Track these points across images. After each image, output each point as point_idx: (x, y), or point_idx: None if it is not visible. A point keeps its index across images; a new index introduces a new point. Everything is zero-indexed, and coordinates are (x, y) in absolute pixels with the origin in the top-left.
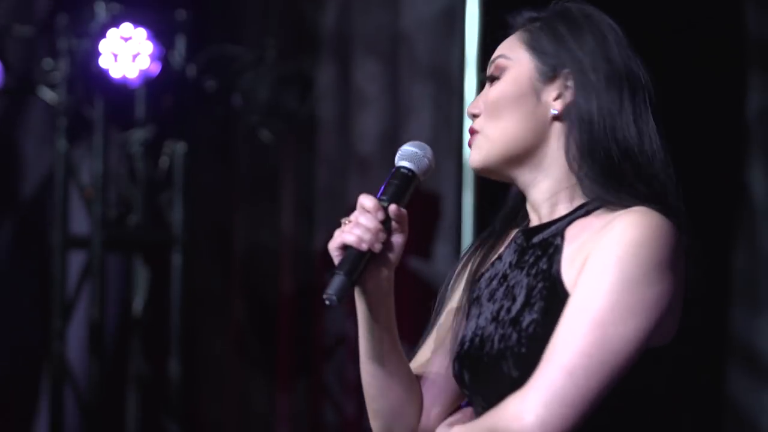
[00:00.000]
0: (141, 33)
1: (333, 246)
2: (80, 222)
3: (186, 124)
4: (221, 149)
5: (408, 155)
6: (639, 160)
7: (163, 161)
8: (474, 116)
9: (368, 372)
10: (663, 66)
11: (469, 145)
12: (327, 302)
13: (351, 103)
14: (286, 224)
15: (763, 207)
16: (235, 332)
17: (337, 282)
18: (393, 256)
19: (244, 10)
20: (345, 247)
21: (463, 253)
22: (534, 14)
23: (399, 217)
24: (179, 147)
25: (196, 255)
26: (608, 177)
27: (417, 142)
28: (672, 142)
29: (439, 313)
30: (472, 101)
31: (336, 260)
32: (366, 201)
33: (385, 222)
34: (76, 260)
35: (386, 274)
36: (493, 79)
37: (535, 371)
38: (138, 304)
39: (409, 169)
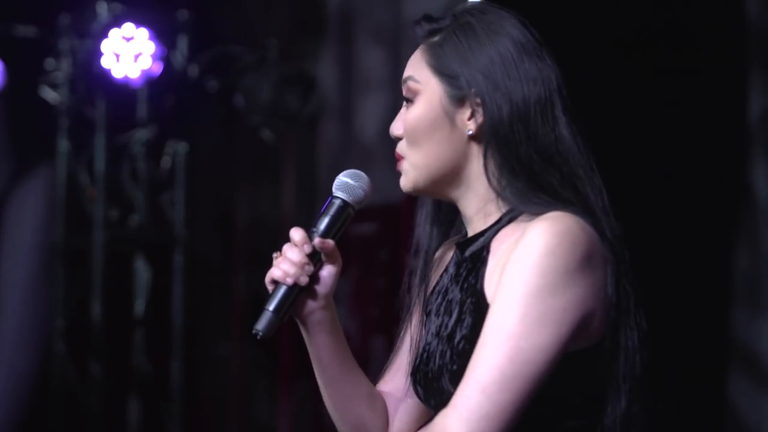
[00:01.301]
0: (143, 33)
1: (267, 280)
2: (82, 222)
3: (188, 124)
4: (223, 149)
5: (341, 186)
6: (557, 167)
7: (165, 161)
8: (397, 138)
9: (324, 393)
10: (665, 67)
11: (398, 170)
12: (257, 337)
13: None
14: (289, 225)
15: (765, 207)
16: (237, 333)
17: (264, 318)
18: (322, 289)
19: (245, 10)
20: (275, 282)
21: (412, 268)
22: (434, 25)
23: (326, 250)
24: (181, 147)
25: (198, 255)
26: (528, 187)
27: (352, 171)
28: (675, 143)
29: (403, 329)
30: (394, 121)
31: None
32: (294, 234)
33: (314, 255)
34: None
35: (319, 305)
36: (407, 100)
37: (457, 388)
38: (140, 304)
39: (342, 200)
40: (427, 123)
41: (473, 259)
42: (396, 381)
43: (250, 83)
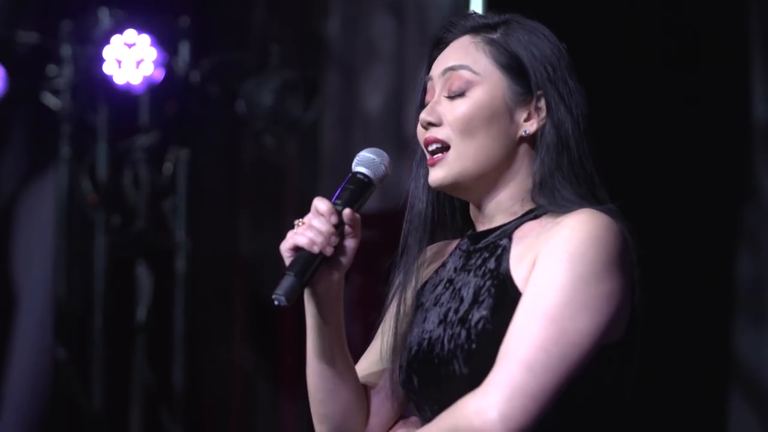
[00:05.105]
0: (145, 39)
1: (285, 247)
2: (84, 228)
3: (190, 131)
4: (225, 155)
5: (365, 161)
6: (596, 176)
7: (167, 168)
8: (430, 124)
9: (317, 374)
10: (667, 67)
11: (432, 163)
12: (276, 302)
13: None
14: (291, 228)
15: None
16: (239, 338)
17: (286, 283)
18: (344, 260)
19: (247, 16)
20: (297, 249)
21: (399, 265)
22: (488, 21)
23: (352, 222)
24: (183, 153)
25: (200, 261)
26: (575, 193)
27: (375, 149)
28: (676, 143)
29: (382, 324)
30: (427, 108)
31: (287, 261)
32: (320, 204)
33: (338, 226)
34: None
35: (337, 277)
36: (456, 90)
37: (493, 368)
38: (141, 310)
39: (365, 175)
40: (487, 116)
41: (490, 248)
42: (377, 374)
43: (252, 89)
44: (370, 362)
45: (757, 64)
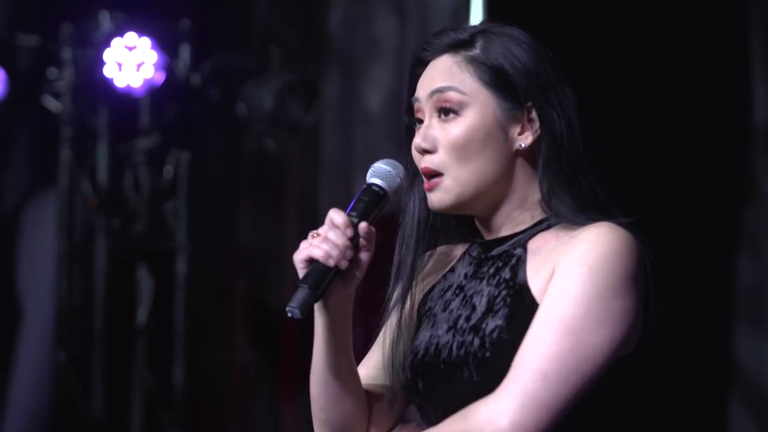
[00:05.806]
0: (145, 42)
1: (299, 258)
2: (84, 231)
3: (190, 134)
4: (226, 158)
5: (380, 173)
6: (594, 179)
7: (168, 170)
8: (425, 151)
9: (321, 382)
10: (667, 66)
11: (429, 188)
12: (289, 314)
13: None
14: (291, 232)
15: None
16: (239, 340)
17: (301, 295)
18: (358, 273)
19: (248, 19)
20: (311, 261)
21: (400, 269)
22: (464, 36)
23: (368, 235)
24: (183, 156)
25: (201, 263)
26: (580, 200)
27: (390, 160)
28: (675, 144)
29: (382, 332)
30: (420, 133)
31: (300, 272)
32: (336, 216)
33: (353, 239)
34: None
35: (349, 290)
36: (447, 112)
37: (507, 377)
38: (142, 312)
39: (380, 187)
40: (481, 138)
41: (503, 257)
42: (377, 379)
43: (252, 92)
44: (371, 370)
45: (757, 65)
